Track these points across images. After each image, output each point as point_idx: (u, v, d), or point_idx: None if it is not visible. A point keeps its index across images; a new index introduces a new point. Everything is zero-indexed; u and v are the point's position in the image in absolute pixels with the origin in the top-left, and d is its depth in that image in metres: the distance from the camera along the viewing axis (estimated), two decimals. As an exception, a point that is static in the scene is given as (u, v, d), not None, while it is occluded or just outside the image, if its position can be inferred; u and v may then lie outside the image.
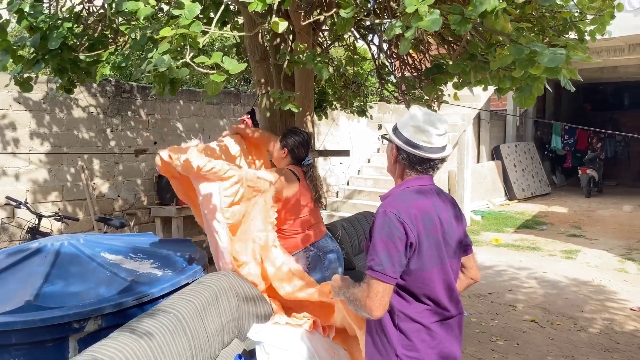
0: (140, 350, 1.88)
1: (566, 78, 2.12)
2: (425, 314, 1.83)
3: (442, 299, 1.85)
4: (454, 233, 1.89)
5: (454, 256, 1.90)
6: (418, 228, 1.75)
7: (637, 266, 6.66)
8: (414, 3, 1.80)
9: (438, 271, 1.82)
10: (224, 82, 2.07)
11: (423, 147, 1.85)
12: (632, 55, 9.06)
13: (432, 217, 1.81)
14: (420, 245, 1.76)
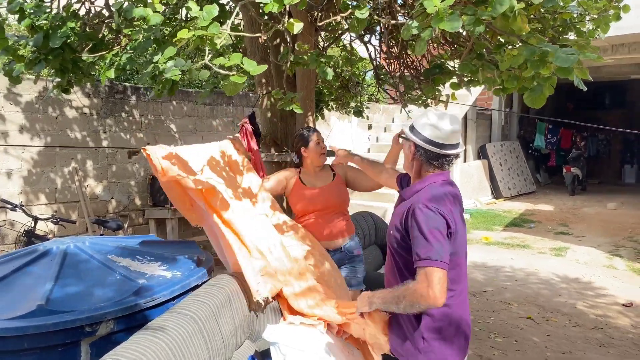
0: (161, 353, 1.86)
1: (578, 78, 2.15)
2: (451, 297, 1.98)
3: (464, 279, 2.09)
4: (462, 222, 2.08)
5: (465, 244, 2.12)
6: (455, 218, 1.96)
7: (625, 262, 6.79)
8: (434, 3, 1.82)
9: (465, 255, 2.09)
10: (243, 84, 2.07)
11: (439, 143, 2.03)
12: (615, 55, 9.24)
13: (461, 208, 2.06)
14: (457, 232, 1.96)
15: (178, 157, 2.70)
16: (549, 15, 3.16)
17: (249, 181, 3.01)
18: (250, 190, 2.99)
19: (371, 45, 4.41)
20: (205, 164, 2.83)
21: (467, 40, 3.28)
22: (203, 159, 2.86)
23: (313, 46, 3.50)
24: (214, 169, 2.84)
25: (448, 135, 2.02)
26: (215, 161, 2.90)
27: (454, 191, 2.07)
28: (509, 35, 2.23)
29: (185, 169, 2.68)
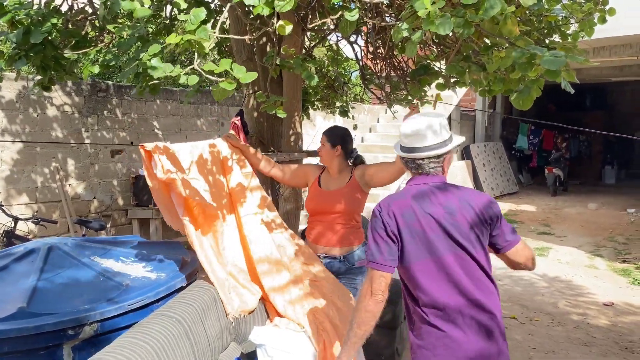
0: (146, 356, 1.84)
1: (565, 80, 2.17)
2: (423, 306, 1.92)
3: (433, 291, 1.90)
4: (457, 226, 1.91)
5: (456, 249, 1.91)
6: (397, 222, 1.91)
7: (606, 262, 6.89)
8: (425, 5, 1.81)
9: (427, 264, 1.90)
10: (233, 90, 2.04)
11: (402, 147, 2.03)
12: (597, 58, 9.38)
13: (413, 212, 1.92)
14: (401, 238, 1.91)
15: (171, 154, 2.67)
16: (535, 17, 3.19)
17: (238, 179, 2.97)
18: (241, 189, 2.95)
19: (357, 45, 4.40)
20: (194, 162, 2.80)
21: (454, 41, 3.29)
22: (192, 157, 2.83)
23: (300, 46, 3.49)
24: (201, 170, 2.80)
25: (404, 138, 2.01)
26: (203, 160, 2.87)
27: (415, 195, 1.96)
28: (497, 37, 2.23)
29: (176, 167, 2.65)
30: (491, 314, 1.90)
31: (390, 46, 3.99)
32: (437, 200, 1.95)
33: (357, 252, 3.00)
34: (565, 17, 3.17)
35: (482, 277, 1.92)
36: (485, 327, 1.89)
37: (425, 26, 1.81)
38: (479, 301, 1.89)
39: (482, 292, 1.90)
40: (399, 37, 1.95)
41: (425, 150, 1.97)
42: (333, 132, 3.11)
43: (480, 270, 1.92)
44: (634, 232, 8.64)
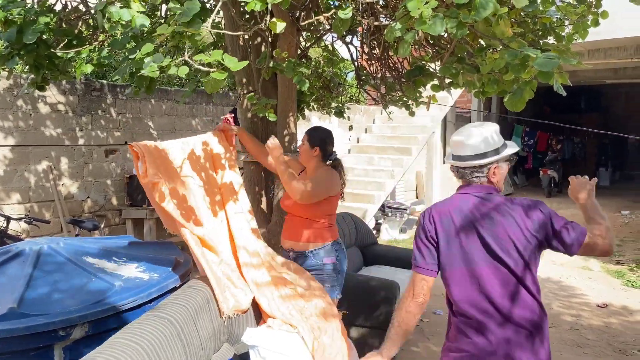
0: (138, 357, 1.82)
1: (558, 82, 2.17)
2: (455, 312, 1.96)
3: (463, 300, 1.91)
4: (496, 238, 1.88)
5: (493, 261, 1.89)
6: (436, 228, 1.96)
7: (600, 264, 6.91)
8: (417, 6, 1.81)
9: (461, 272, 1.92)
10: (224, 80, 2.03)
11: (451, 154, 2.08)
12: (591, 60, 9.42)
13: (451, 220, 1.95)
14: (438, 244, 1.96)
15: (163, 156, 2.66)
16: (530, 19, 3.19)
17: (230, 177, 2.99)
18: (232, 187, 2.96)
19: (352, 46, 4.40)
20: (186, 159, 2.81)
21: (449, 42, 3.29)
22: (184, 154, 2.83)
23: (295, 47, 3.47)
24: (194, 166, 2.81)
25: (451, 145, 2.10)
26: (195, 157, 2.88)
27: (457, 204, 1.98)
28: (490, 38, 2.23)
29: (166, 167, 2.64)
30: (525, 330, 1.87)
31: (386, 47, 3.99)
32: (477, 210, 1.95)
33: (321, 251, 3.02)
34: (560, 19, 3.18)
35: (521, 292, 1.88)
36: (516, 342, 1.87)
37: (418, 26, 1.81)
38: (510, 316, 1.87)
39: (516, 307, 1.87)
40: (392, 37, 1.95)
41: (464, 160, 2.01)
42: (314, 132, 3.14)
43: (519, 285, 1.88)
44: (628, 234, 8.67)
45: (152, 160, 2.55)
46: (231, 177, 2.99)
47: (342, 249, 3.13)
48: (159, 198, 2.50)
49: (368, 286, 3.76)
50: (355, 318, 3.70)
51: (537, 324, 1.90)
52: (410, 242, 8.00)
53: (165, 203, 2.51)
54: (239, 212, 2.95)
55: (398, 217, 8.45)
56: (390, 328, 2.01)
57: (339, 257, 3.06)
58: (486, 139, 2.00)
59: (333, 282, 3.02)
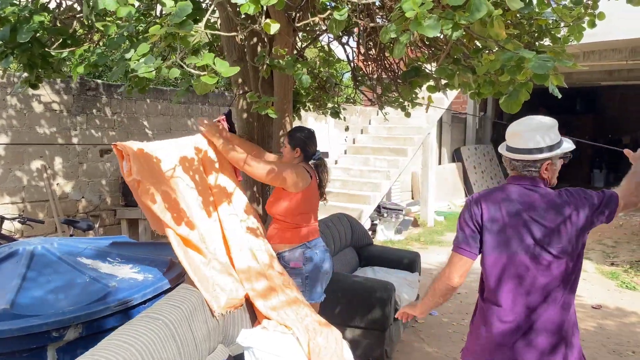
0: (132, 358, 1.81)
1: (553, 85, 2.17)
2: (485, 297, 2.05)
3: (497, 287, 1.98)
4: (541, 229, 1.93)
5: (535, 250, 1.93)
6: (482, 213, 1.99)
7: (594, 265, 6.93)
8: (412, 7, 1.81)
9: (500, 258, 1.96)
10: (214, 84, 2.03)
11: (504, 146, 2.10)
12: (586, 62, 9.45)
13: (499, 207, 1.98)
14: (482, 229, 1.98)
15: (148, 156, 2.64)
16: (525, 21, 3.20)
17: (223, 180, 2.97)
18: (225, 190, 2.95)
19: (349, 46, 4.40)
20: (178, 163, 2.78)
21: (445, 44, 3.29)
22: (176, 157, 2.81)
23: (291, 47, 3.47)
24: (184, 167, 2.79)
25: (507, 136, 2.09)
26: (188, 160, 2.85)
27: (508, 193, 2.01)
28: (486, 40, 2.23)
29: (151, 167, 2.62)
30: (548, 334, 1.91)
31: (382, 48, 3.99)
32: (525, 200, 1.98)
33: (288, 253, 2.98)
34: (556, 20, 3.19)
35: (556, 286, 1.92)
36: (531, 344, 1.93)
37: (413, 27, 1.80)
38: (536, 311, 1.92)
39: (546, 303, 1.92)
40: (387, 39, 1.94)
41: (519, 152, 2.01)
42: (295, 133, 3.11)
43: (557, 278, 1.92)
44: (622, 236, 8.70)
45: (135, 159, 2.53)
46: (224, 178, 2.97)
47: (316, 252, 3.01)
48: (143, 196, 2.49)
49: (363, 287, 3.76)
50: (350, 319, 3.69)
51: (562, 329, 1.93)
52: (405, 243, 8.01)
53: (150, 201, 2.50)
54: (232, 214, 2.93)
55: (394, 218, 8.46)
56: (428, 291, 2.10)
57: (308, 261, 2.97)
58: (543, 134, 2.01)
59: (300, 287, 2.93)
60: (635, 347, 4.34)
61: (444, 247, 7.89)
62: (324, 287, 3.10)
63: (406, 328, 4.41)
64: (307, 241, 3.01)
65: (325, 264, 3.05)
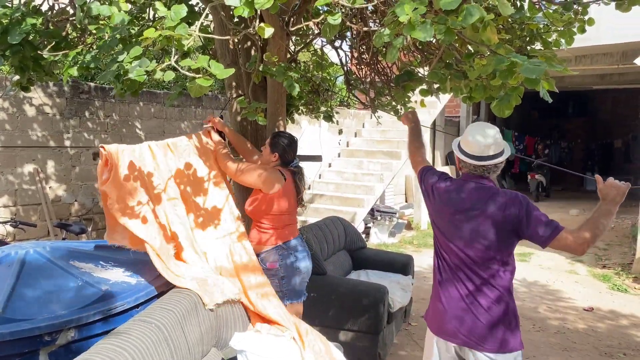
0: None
1: (544, 89, 2.19)
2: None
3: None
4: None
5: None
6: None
7: (586, 268, 6.98)
8: (406, 12, 1.82)
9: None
10: (209, 87, 2.03)
11: (463, 154, 2.40)
12: (578, 66, 9.52)
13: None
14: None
15: (132, 164, 2.65)
16: (517, 25, 3.22)
17: (213, 198, 3.01)
18: (216, 208, 3.00)
19: (342, 50, 4.41)
20: (166, 169, 2.82)
21: (437, 48, 3.31)
22: (165, 161, 2.85)
23: (284, 51, 3.48)
24: (174, 174, 2.84)
25: (471, 146, 2.33)
26: (179, 165, 2.89)
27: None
28: (478, 45, 2.25)
29: (136, 177, 2.66)
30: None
31: (375, 52, 4.01)
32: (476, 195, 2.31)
33: (264, 254, 3.03)
34: (547, 25, 3.21)
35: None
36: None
37: (407, 32, 1.81)
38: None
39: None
40: (381, 43, 1.96)
41: (485, 160, 2.29)
42: (276, 139, 3.14)
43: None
44: (614, 238, 8.76)
45: (115, 171, 2.56)
46: (214, 190, 3.01)
47: (291, 253, 3.05)
48: (113, 210, 2.51)
49: (356, 290, 3.76)
50: (343, 322, 3.70)
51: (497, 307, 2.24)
52: (398, 246, 8.02)
53: (120, 217, 2.53)
54: (221, 224, 2.98)
55: (387, 221, 8.47)
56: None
57: (283, 262, 3.01)
58: (497, 140, 2.28)
59: (275, 288, 2.96)
60: (626, 349, 4.37)
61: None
62: (302, 288, 3.13)
63: (399, 331, 4.42)
64: (283, 242, 3.05)
65: (300, 263, 3.07)
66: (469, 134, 2.30)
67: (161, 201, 2.69)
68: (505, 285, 2.26)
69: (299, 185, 3.16)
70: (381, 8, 3.15)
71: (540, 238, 2.13)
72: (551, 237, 2.11)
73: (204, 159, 3.04)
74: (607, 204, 2.12)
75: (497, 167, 2.29)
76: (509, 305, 2.26)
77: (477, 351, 2.20)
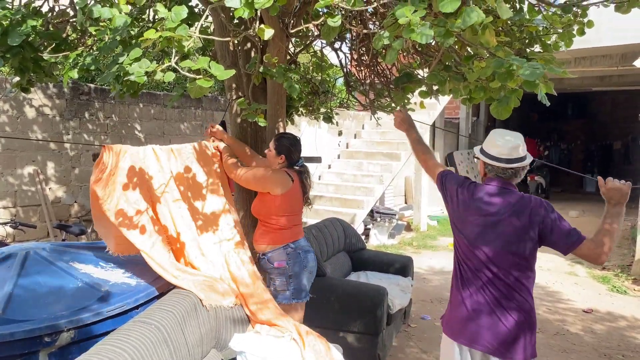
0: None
1: (542, 92, 2.20)
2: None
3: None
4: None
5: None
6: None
7: (586, 269, 6.98)
8: (405, 14, 1.83)
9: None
10: (209, 88, 2.04)
11: (498, 159, 2.34)
12: (577, 67, 9.53)
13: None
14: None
15: (132, 168, 2.66)
16: (516, 27, 3.23)
17: (211, 204, 3.03)
18: (214, 214, 3.02)
19: (342, 52, 4.42)
20: (167, 174, 2.84)
21: (437, 50, 3.32)
22: (172, 171, 2.88)
23: (284, 53, 3.48)
24: (175, 180, 2.86)
25: (505, 150, 2.32)
26: (180, 171, 2.91)
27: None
28: (477, 47, 2.26)
29: (147, 183, 2.67)
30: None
31: (374, 54, 4.02)
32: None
33: (273, 253, 3.05)
34: (546, 27, 3.22)
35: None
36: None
37: (406, 34, 1.82)
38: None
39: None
40: (380, 45, 1.97)
41: (517, 162, 2.30)
42: (281, 141, 3.16)
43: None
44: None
45: (113, 174, 2.57)
46: (213, 197, 3.04)
47: (298, 253, 3.08)
48: (107, 211, 2.52)
49: (356, 291, 3.77)
50: (343, 323, 3.70)
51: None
52: (398, 248, 8.02)
53: (113, 219, 2.54)
54: (219, 230, 3.00)
55: (387, 223, 8.47)
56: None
57: (291, 260, 3.04)
58: (521, 143, 2.33)
59: (283, 287, 3.02)
60: (625, 350, 4.37)
61: (436, 251, 7.91)
62: (308, 287, 3.15)
63: (399, 332, 4.42)
64: (291, 242, 3.07)
65: (308, 263, 3.11)
66: (496, 138, 2.32)
67: (166, 202, 2.70)
68: (529, 292, 2.24)
69: (306, 185, 3.19)
70: (381, 10, 3.16)
71: (564, 246, 2.18)
72: (574, 246, 2.16)
73: (203, 164, 3.07)
74: (614, 207, 2.17)
75: (523, 169, 2.31)
76: (531, 312, 2.24)
77: (492, 355, 2.19)
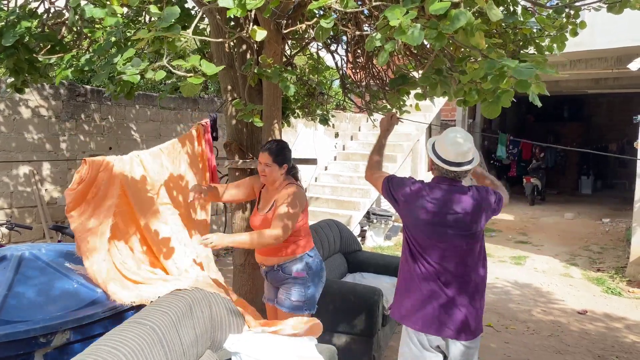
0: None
1: (534, 93, 2.22)
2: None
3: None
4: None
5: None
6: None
7: (581, 271, 7.01)
8: (396, 16, 1.85)
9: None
10: (200, 85, 2.05)
11: (444, 161, 2.47)
12: (573, 70, 9.57)
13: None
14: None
15: (124, 182, 2.72)
16: (510, 30, 3.26)
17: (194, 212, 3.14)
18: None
19: (337, 54, 4.44)
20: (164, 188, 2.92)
21: (432, 52, 3.34)
22: (160, 174, 2.92)
23: (280, 55, 3.50)
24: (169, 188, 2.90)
25: (452, 154, 2.45)
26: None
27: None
28: (470, 49, 2.28)
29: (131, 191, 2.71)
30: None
31: (369, 56, 4.04)
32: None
33: (292, 264, 2.98)
34: (540, 29, 3.25)
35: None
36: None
37: (397, 36, 1.84)
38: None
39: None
40: (372, 46, 1.98)
41: (463, 165, 2.42)
42: (278, 151, 3.03)
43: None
44: (609, 242, 8.80)
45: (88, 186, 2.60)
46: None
47: (316, 261, 3.05)
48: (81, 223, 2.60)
49: (352, 293, 3.78)
50: (338, 325, 3.71)
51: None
52: (394, 249, 8.03)
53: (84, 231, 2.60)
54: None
55: (383, 224, 8.49)
56: None
57: (310, 270, 3.00)
58: (471, 147, 2.42)
59: (300, 297, 2.97)
60: (619, 352, 4.39)
61: (432, 253, 7.92)
62: (317, 298, 3.10)
63: (394, 334, 4.43)
64: (309, 250, 3.05)
65: (323, 272, 3.11)
66: (446, 141, 2.41)
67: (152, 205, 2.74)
68: (483, 276, 2.45)
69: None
70: (375, 13, 3.18)
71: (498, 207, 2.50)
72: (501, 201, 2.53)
73: (191, 164, 3.14)
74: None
75: (467, 172, 2.48)
76: (483, 295, 2.48)
77: (458, 340, 2.35)
